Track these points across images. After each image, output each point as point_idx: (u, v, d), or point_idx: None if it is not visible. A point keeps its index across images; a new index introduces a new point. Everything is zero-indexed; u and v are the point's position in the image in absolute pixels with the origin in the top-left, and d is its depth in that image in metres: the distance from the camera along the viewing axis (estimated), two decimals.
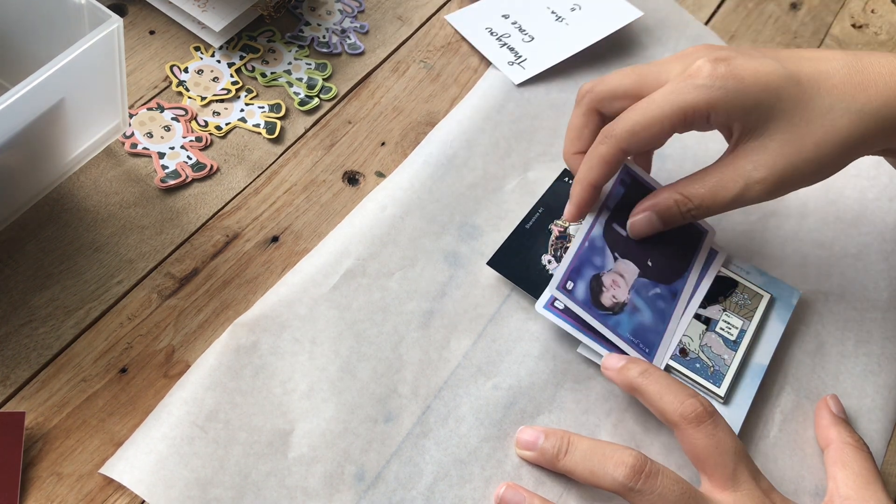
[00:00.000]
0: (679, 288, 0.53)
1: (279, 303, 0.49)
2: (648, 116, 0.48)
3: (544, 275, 0.53)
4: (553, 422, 0.49)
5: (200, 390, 0.45)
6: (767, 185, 0.47)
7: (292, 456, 0.45)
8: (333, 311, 0.50)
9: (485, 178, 0.57)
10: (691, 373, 0.50)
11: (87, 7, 0.46)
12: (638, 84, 0.51)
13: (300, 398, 0.46)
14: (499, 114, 0.60)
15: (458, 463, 0.46)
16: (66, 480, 0.43)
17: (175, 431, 0.44)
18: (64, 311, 0.48)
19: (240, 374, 0.46)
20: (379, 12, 0.66)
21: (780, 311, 0.54)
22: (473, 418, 0.48)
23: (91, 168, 0.53)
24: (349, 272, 0.51)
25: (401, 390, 0.48)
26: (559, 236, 0.55)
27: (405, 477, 0.45)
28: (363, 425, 0.46)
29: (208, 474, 0.43)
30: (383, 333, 0.50)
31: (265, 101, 0.59)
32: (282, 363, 0.47)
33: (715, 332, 0.52)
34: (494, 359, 0.50)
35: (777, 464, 0.50)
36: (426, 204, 0.55)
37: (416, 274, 0.52)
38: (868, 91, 0.47)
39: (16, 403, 0.45)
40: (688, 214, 0.50)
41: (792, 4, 0.76)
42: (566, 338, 0.51)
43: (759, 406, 0.51)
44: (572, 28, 0.66)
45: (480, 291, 0.52)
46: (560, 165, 0.59)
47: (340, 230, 0.53)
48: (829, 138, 0.47)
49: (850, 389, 0.53)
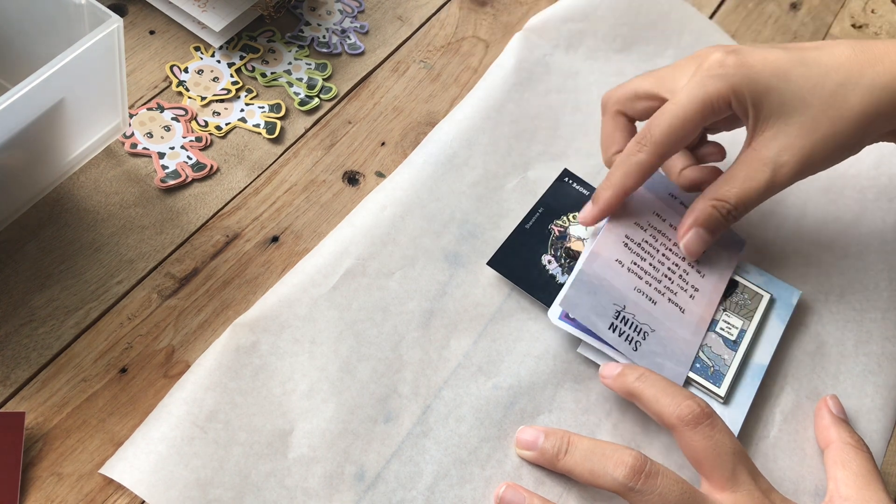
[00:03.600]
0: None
1: (279, 303, 0.49)
2: (679, 115, 0.49)
3: (545, 275, 0.53)
4: (553, 422, 0.49)
5: (200, 390, 0.45)
6: (793, 166, 0.48)
7: (292, 456, 0.45)
8: (333, 311, 0.50)
9: (485, 178, 0.57)
10: (691, 373, 0.50)
11: (87, 7, 0.46)
12: (657, 84, 0.52)
13: (300, 398, 0.46)
14: (499, 113, 0.60)
15: (458, 463, 0.46)
16: (66, 480, 0.43)
17: (175, 432, 0.43)
18: (64, 311, 0.48)
19: (240, 375, 0.46)
20: (379, 12, 0.66)
21: (780, 311, 0.54)
22: (474, 418, 0.48)
23: (91, 168, 0.53)
24: (349, 272, 0.51)
25: (401, 390, 0.48)
26: (559, 236, 0.55)
27: (405, 477, 0.45)
28: (363, 425, 0.46)
29: (208, 475, 0.43)
30: (383, 333, 0.50)
31: (265, 101, 0.59)
32: (282, 363, 0.47)
33: (715, 332, 0.52)
34: (495, 358, 0.50)
35: (777, 464, 0.50)
36: (426, 203, 0.55)
37: (416, 273, 0.52)
38: (876, 67, 0.48)
39: (16, 403, 0.45)
40: (729, 217, 0.51)
41: (792, 4, 0.76)
42: (566, 338, 0.51)
43: (759, 406, 0.51)
44: None
45: (481, 291, 0.52)
46: (560, 165, 0.59)
47: (340, 230, 0.53)
48: (843, 114, 0.48)
49: (849, 389, 0.53)
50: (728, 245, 0.55)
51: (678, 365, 0.50)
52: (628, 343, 0.49)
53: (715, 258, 0.54)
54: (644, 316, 0.51)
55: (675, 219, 0.55)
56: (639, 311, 0.51)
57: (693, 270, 0.53)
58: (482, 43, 0.67)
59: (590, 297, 0.50)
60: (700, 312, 0.52)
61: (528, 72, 0.63)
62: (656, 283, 0.52)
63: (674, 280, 0.53)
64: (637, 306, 0.51)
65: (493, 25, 0.68)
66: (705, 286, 0.53)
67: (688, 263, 0.54)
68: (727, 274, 0.54)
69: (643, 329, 0.50)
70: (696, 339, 0.51)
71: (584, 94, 0.63)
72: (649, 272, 0.52)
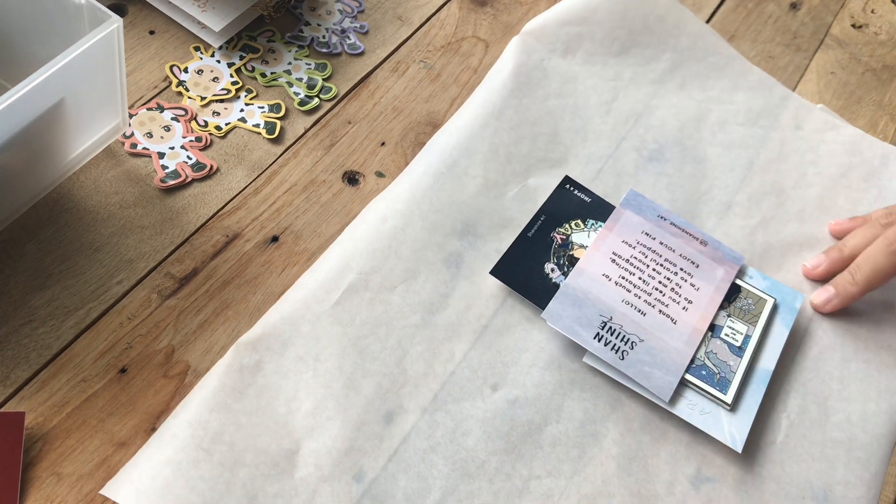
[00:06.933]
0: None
1: (281, 321, 0.49)
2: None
3: (548, 283, 0.53)
4: (561, 432, 0.49)
5: (205, 412, 0.45)
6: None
7: (299, 476, 0.44)
8: (336, 328, 0.49)
9: (486, 187, 0.57)
10: (697, 380, 0.50)
11: (87, 7, 0.46)
12: None
13: (305, 417, 0.46)
14: (498, 120, 0.60)
15: (466, 477, 0.46)
16: (66, 480, 0.43)
17: (180, 455, 0.43)
18: (64, 311, 0.48)
19: (244, 395, 0.46)
20: (379, 12, 0.66)
21: (784, 315, 0.54)
22: (480, 431, 0.48)
23: (91, 168, 0.53)
24: (351, 287, 0.51)
25: (406, 405, 0.48)
26: (561, 244, 0.55)
27: (413, 493, 0.45)
28: (370, 442, 0.46)
29: (215, 498, 0.42)
30: (387, 348, 0.49)
31: (265, 101, 0.59)
32: (286, 382, 0.47)
33: (720, 339, 0.52)
34: (500, 370, 0.50)
35: (784, 469, 0.50)
36: (427, 214, 0.55)
37: (418, 286, 0.52)
38: None
39: (16, 403, 0.45)
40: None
41: (792, 4, 0.76)
42: (572, 347, 0.51)
43: (766, 412, 0.51)
44: None
45: (484, 301, 0.52)
46: (560, 171, 0.59)
47: (341, 244, 0.53)
48: None
49: (854, 394, 0.53)
50: (725, 261, 0.56)
51: (668, 374, 0.50)
52: (614, 352, 0.50)
53: (711, 272, 0.55)
54: (632, 326, 0.51)
55: (664, 237, 0.56)
56: (626, 322, 0.51)
57: (687, 284, 0.54)
58: (482, 43, 0.67)
59: (574, 309, 0.51)
60: (694, 323, 0.52)
61: (526, 77, 0.62)
62: (646, 296, 0.53)
63: (665, 293, 0.53)
64: (625, 317, 0.51)
65: (493, 25, 0.68)
66: (700, 298, 0.53)
67: (681, 277, 0.54)
68: (723, 287, 0.54)
69: (631, 339, 0.51)
70: (689, 349, 0.51)
71: (583, 99, 0.63)
72: (638, 286, 0.53)
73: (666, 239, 0.56)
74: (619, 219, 0.56)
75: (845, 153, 0.64)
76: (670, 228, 0.56)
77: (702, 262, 0.55)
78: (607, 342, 0.50)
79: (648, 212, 0.57)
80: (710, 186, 0.60)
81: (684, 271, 0.54)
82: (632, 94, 0.64)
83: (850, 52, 0.73)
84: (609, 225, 0.56)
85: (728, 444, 0.49)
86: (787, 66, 0.71)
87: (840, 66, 0.72)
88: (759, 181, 0.61)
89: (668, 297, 0.53)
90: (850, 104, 0.69)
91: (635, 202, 0.57)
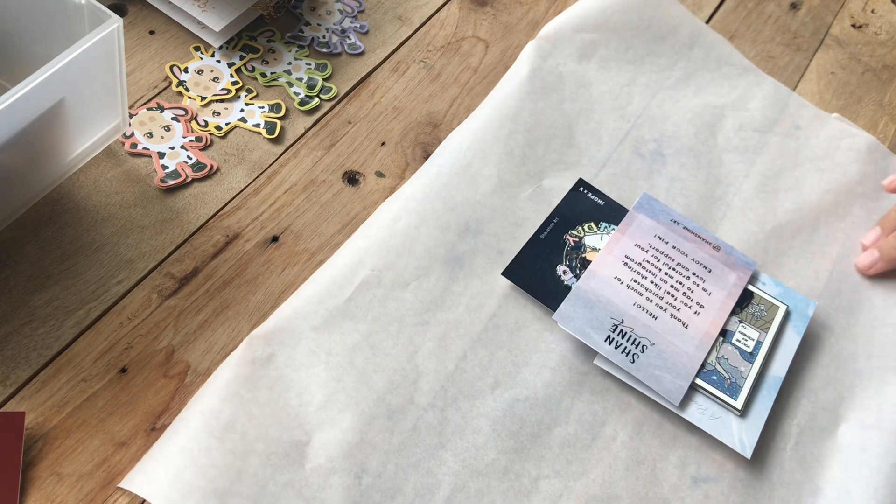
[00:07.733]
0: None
1: (295, 315, 0.49)
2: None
3: (560, 285, 0.53)
4: (570, 433, 0.49)
5: (217, 402, 0.45)
6: None
7: (309, 466, 0.45)
8: (349, 323, 0.49)
9: (500, 187, 0.57)
10: (708, 385, 0.50)
11: (87, 7, 0.46)
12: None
13: (316, 409, 0.46)
14: (513, 122, 0.60)
15: (475, 475, 0.46)
16: (66, 480, 0.43)
17: (192, 443, 0.43)
18: (64, 311, 0.48)
19: (256, 386, 0.46)
20: (379, 12, 0.66)
21: (796, 322, 0.54)
22: (490, 430, 0.48)
23: (91, 168, 0.53)
24: (364, 283, 0.51)
25: (417, 401, 0.48)
26: (574, 246, 0.55)
27: (423, 488, 0.45)
28: (380, 436, 0.46)
29: (225, 485, 0.43)
30: (399, 344, 0.50)
31: (265, 101, 0.59)
32: (298, 375, 0.47)
33: (731, 344, 0.52)
34: (511, 370, 0.50)
35: (794, 476, 0.50)
36: (441, 213, 0.55)
37: (430, 284, 0.52)
38: None
39: (16, 403, 0.45)
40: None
41: (792, 4, 0.76)
42: (582, 349, 0.51)
43: (776, 418, 0.51)
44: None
45: (496, 301, 0.52)
46: (574, 174, 0.59)
47: (355, 241, 0.53)
48: None
49: (866, 402, 0.53)
50: (738, 266, 0.56)
51: (678, 378, 0.50)
52: (625, 355, 0.50)
53: (723, 277, 0.55)
54: (643, 330, 0.51)
55: (677, 241, 0.56)
56: (638, 326, 0.51)
57: (699, 289, 0.54)
58: (482, 43, 0.67)
59: (585, 311, 0.51)
60: (705, 328, 0.52)
61: (541, 81, 0.63)
62: (658, 300, 0.53)
63: (677, 297, 0.53)
64: (636, 321, 0.51)
65: (492, 25, 0.68)
66: (712, 303, 0.53)
67: (693, 282, 0.54)
68: (736, 293, 0.54)
69: (642, 342, 0.51)
70: (699, 354, 0.51)
71: (598, 104, 0.63)
72: (650, 289, 0.53)
73: (678, 243, 0.56)
74: (632, 222, 0.56)
75: (860, 161, 0.64)
76: (683, 233, 0.56)
77: (714, 267, 0.55)
78: (618, 345, 0.50)
79: (661, 216, 0.57)
80: (723, 192, 0.60)
81: (696, 276, 0.54)
82: (646, 100, 0.64)
83: (850, 52, 0.73)
84: (622, 228, 0.56)
85: (737, 450, 0.49)
86: (787, 66, 0.71)
87: (840, 66, 0.72)
88: (774, 188, 0.61)
89: (679, 301, 0.53)
90: (850, 104, 0.69)
91: (648, 206, 0.57)
